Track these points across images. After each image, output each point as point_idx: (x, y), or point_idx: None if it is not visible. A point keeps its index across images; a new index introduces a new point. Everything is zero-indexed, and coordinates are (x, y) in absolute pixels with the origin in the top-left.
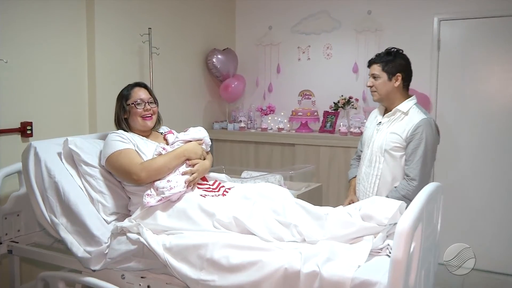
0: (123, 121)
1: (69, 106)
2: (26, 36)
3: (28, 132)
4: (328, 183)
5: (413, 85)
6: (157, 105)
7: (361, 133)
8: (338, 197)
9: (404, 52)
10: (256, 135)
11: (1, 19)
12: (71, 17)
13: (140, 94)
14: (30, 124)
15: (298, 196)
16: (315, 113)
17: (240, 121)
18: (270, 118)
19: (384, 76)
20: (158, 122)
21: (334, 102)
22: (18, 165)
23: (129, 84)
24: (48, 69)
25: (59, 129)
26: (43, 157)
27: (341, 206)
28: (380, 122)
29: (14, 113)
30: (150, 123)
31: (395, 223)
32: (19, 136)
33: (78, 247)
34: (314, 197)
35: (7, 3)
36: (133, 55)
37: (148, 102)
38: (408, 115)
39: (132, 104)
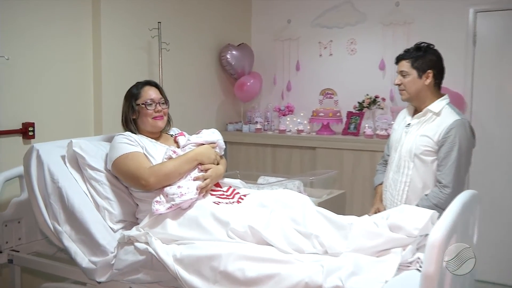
0: (131, 122)
1: (73, 106)
2: (28, 32)
3: (30, 133)
4: (352, 190)
5: (445, 83)
6: (168, 106)
7: (388, 135)
8: (363, 206)
9: (436, 47)
10: (274, 138)
11: (3, 14)
12: (76, 11)
13: (151, 93)
14: (32, 125)
15: (319, 204)
16: (338, 114)
17: (256, 122)
18: (288, 119)
19: (414, 73)
20: (168, 123)
21: (358, 102)
22: (19, 169)
23: (138, 82)
24: (52, 66)
25: (63, 131)
26: (46, 161)
27: (366, 215)
28: (409, 124)
29: (15, 113)
30: (161, 123)
31: (426, 235)
32: (21, 137)
33: (83, 257)
34: (337, 205)
35: None
36: (141, 51)
37: (159, 102)
38: (440, 116)
39: (142, 104)
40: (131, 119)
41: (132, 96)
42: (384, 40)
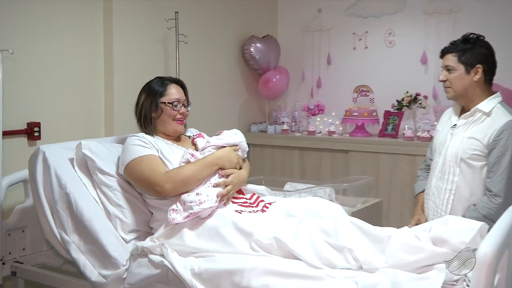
0: (151, 120)
1: (82, 104)
2: (34, 25)
3: (36, 134)
4: (390, 198)
5: (497, 79)
6: (189, 109)
7: (431, 138)
8: (402, 216)
9: (486, 39)
10: (302, 140)
11: (8, 6)
12: (86, 2)
13: (177, 93)
14: (38, 125)
15: (353, 214)
16: (374, 114)
17: (283, 122)
18: (318, 119)
19: (461, 68)
20: (184, 125)
21: (397, 100)
22: (24, 173)
23: (162, 78)
24: (59, 61)
25: (71, 131)
26: (53, 164)
27: (406, 227)
28: (455, 125)
29: (19, 112)
30: (181, 128)
31: (475, 249)
32: (25, 139)
33: (92, 270)
34: (373, 215)
35: None
36: (156, 44)
37: (183, 104)
38: (491, 116)
39: (168, 103)
40: (152, 117)
41: (156, 92)
42: (427, 31)
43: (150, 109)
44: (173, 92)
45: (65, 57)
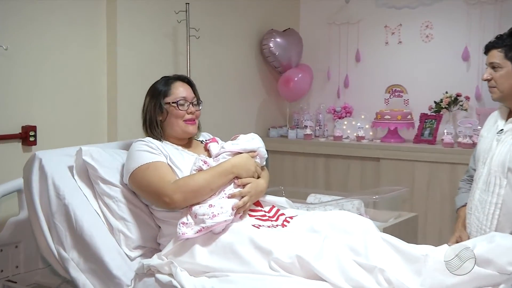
0: (157, 124)
1: (83, 106)
2: (31, 19)
3: (31, 139)
4: (427, 212)
5: None
6: (201, 108)
7: (474, 144)
8: (440, 232)
9: None
10: (327, 146)
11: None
12: None
13: (183, 91)
14: (34, 128)
15: (385, 230)
16: (409, 117)
17: (305, 126)
18: (346, 122)
19: (508, 65)
20: (198, 127)
21: (435, 102)
22: (18, 182)
23: (166, 77)
24: (57, 59)
25: (70, 136)
26: (50, 172)
27: (445, 245)
28: (501, 130)
29: (13, 115)
30: (192, 129)
31: None
32: (20, 144)
33: None
34: (407, 232)
35: None
36: (165, 39)
37: (192, 102)
38: None
39: (173, 103)
40: (157, 120)
41: (160, 93)
42: (469, 23)
43: (154, 112)
44: (178, 90)
45: (63, 54)
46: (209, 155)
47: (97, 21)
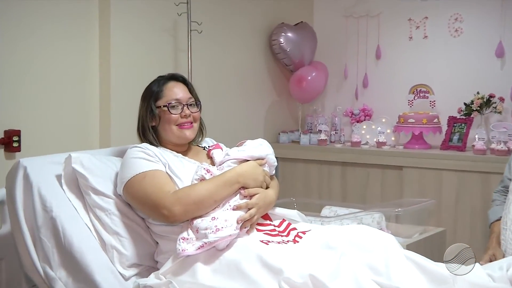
0: (150, 130)
1: (72, 108)
2: (15, 14)
3: (15, 145)
4: (455, 227)
5: None
6: (200, 109)
7: (509, 151)
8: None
9: None
10: (344, 153)
11: None
12: None
13: (177, 92)
14: (18, 133)
15: (409, 247)
16: (435, 120)
17: (320, 131)
18: (365, 127)
19: None
20: (201, 132)
21: (465, 103)
22: (0, 193)
23: (160, 76)
24: (44, 56)
25: (58, 142)
26: (36, 182)
27: (477, 264)
28: None
29: None
30: (189, 133)
31: None
32: (2, 150)
33: None
34: (434, 249)
35: None
36: (164, 34)
37: (187, 104)
38: None
39: (164, 106)
40: (150, 126)
41: (151, 95)
42: (504, 15)
43: (146, 116)
44: (171, 91)
45: (51, 51)
46: (212, 163)
47: (89, 15)
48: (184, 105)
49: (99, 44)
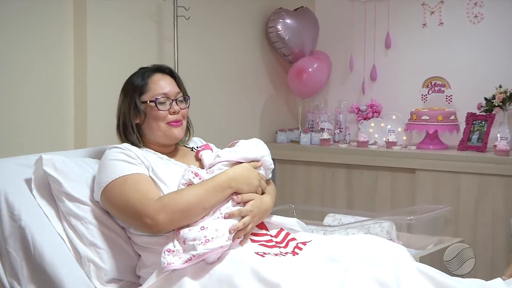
0: (133, 129)
1: (44, 104)
2: None
3: None
4: (475, 237)
5: None
6: (189, 105)
7: None
8: (492, 263)
9: None
10: (349, 154)
11: None
12: None
13: (164, 85)
14: None
15: (422, 259)
16: (452, 117)
17: (322, 129)
18: (373, 124)
19: None
20: (188, 130)
21: (485, 98)
22: None
23: (144, 68)
24: (11, 46)
25: (28, 142)
26: (3, 186)
27: (499, 279)
28: None
29: None
30: (178, 132)
31: None
32: None
33: None
34: (451, 261)
35: None
36: (147, 21)
37: (176, 99)
38: None
39: (150, 102)
40: (134, 124)
41: (135, 89)
42: None
43: (129, 114)
44: (158, 85)
45: (20, 40)
46: (201, 166)
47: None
48: (172, 100)
49: (74, 32)
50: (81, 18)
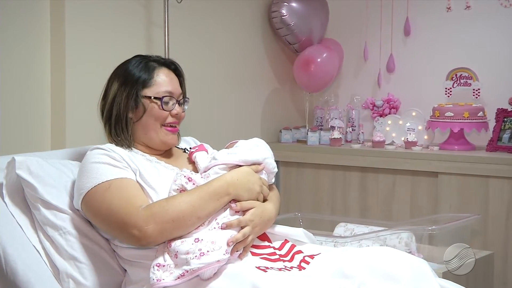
0: (127, 123)
1: (16, 101)
2: None
3: None
4: (506, 249)
5: None
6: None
7: None
8: None
9: None
10: (363, 155)
11: None
12: None
13: (170, 83)
14: None
15: (445, 275)
16: (480, 113)
17: (332, 127)
18: (390, 122)
19: None
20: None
21: None
22: None
23: (145, 57)
24: None
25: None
26: None
27: None
28: None
29: None
30: (173, 139)
31: None
32: None
33: None
34: (479, 277)
35: None
36: (134, 5)
37: (178, 101)
38: None
39: (156, 98)
40: (128, 118)
41: (136, 80)
42: None
43: (126, 105)
44: (164, 80)
45: None
46: (196, 169)
47: None
48: (176, 101)
49: (50, 16)
50: (58, 2)
